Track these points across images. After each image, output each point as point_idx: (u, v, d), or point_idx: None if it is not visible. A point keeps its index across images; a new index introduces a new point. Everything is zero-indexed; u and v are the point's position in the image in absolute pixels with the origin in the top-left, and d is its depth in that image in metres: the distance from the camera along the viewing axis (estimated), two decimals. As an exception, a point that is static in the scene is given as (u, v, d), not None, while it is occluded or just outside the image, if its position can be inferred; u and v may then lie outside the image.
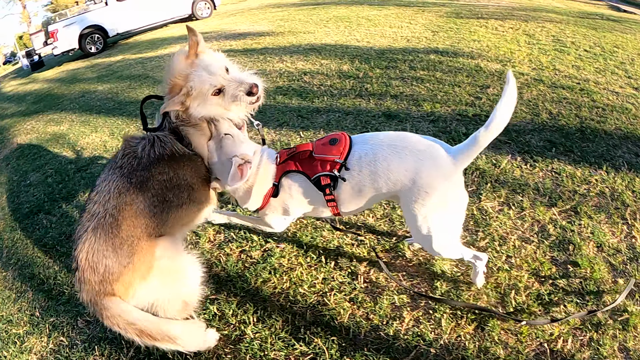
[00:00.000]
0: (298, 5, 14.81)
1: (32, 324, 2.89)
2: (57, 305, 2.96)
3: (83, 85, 9.92)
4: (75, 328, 2.74)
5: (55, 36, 15.37)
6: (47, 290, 3.15)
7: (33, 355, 2.64)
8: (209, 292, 2.58)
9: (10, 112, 10.61)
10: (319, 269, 2.53)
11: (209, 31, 12.35)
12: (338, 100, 4.79)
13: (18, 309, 3.08)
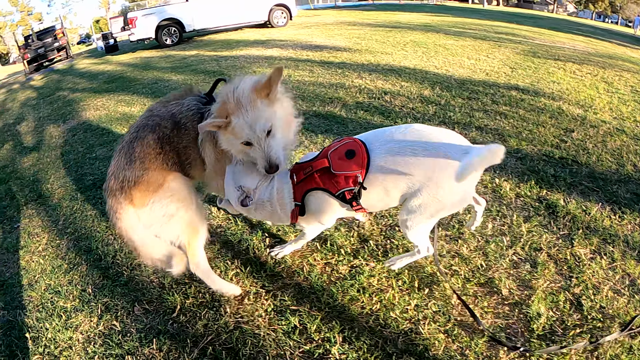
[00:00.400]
0: (373, 26, 14.84)
1: (82, 300, 2.77)
2: (113, 286, 2.83)
3: (156, 73, 10.04)
4: (131, 314, 2.59)
5: (133, 23, 15.75)
6: (104, 267, 3.04)
7: (79, 333, 2.52)
8: (289, 301, 2.41)
9: (82, 87, 10.86)
10: (412, 295, 2.33)
11: (284, 39, 12.43)
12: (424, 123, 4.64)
13: (68, 281, 2.99)
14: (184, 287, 2.67)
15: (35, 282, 3.06)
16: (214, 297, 2.55)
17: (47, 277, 3.08)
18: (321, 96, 5.77)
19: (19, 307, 2.84)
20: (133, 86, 9.00)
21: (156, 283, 2.78)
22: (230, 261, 2.79)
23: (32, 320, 2.69)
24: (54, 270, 3.14)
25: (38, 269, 3.20)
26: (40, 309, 2.77)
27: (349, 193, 2.10)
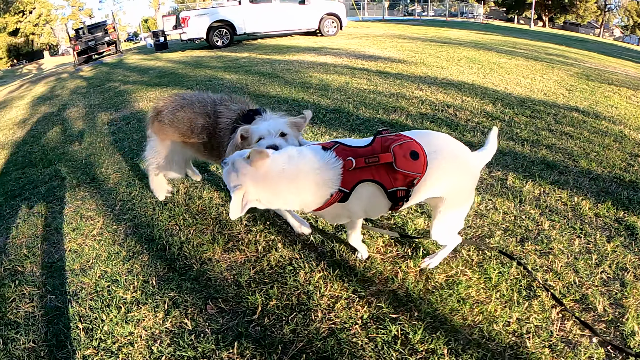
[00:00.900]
0: (424, 40, 14.84)
1: (144, 293, 2.59)
2: (181, 280, 2.65)
3: (209, 72, 10.15)
4: (203, 313, 2.39)
5: (186, 22, 15.97)
6: (169, 259, 2.88)
7: (141, 329, 2.32)
8: (387, 309, 2.26)
9: (132, 79, 11.05)
10: (512, 307, 2.26)
11: (336, 48, 12.48)
12: (491, 139, 4.59)
13: (127, 269, 2.83)
14: (265, 287, 2.50)
15: (88, 268, 2.92)
16: (300, 299, 2.37)
17: (102, 264, 2.93)
18: (383, 104, 5.75)
19: (69, 293, 2.70)
20: (186, 82, 9.11)
21: (231, 280, 2.60)
22: (315, 263, 2.63)
23: (85, 309, 2.53)
24: (110, 257, 3.00)
25: (92, 254, 3.07)
26: (95, 297, 2.61)
27: (400, 192, 2.08)
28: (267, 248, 2.79)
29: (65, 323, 2.45)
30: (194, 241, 3.03)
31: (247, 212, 2.88)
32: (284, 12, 16.75)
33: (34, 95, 13.17)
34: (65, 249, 3.20)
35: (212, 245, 2.94)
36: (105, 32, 24.86)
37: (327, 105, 5.80)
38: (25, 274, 2.99)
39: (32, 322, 2.51)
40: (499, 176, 3.66)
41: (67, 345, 2.30)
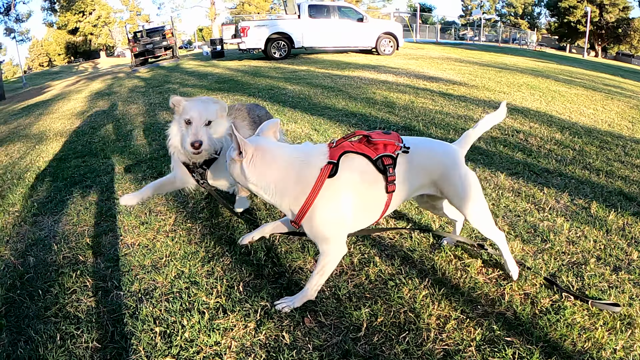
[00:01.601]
0: (481, 65, 14.79)
1: (230, 299, 2.41)
2: (272, 289, 2.48)
3: (269, 81, 10.32)
4: (301, 326, 2.18)
5: (245, 32, 16.30)
6: (255, 264, 2.71)
7: (230, 339, 2.12)
8: (499, 331, 2.15)
9: (191, 83, 11.33)
10: (618, 335, 2.22)
11: (395, 67, 12.55)
12: (566, 167, 4.51)
13: (208, 272, 2.68)
14: (368, 302, 2.32)
15: (162, 266, 2.79)
16: (407, 318, 2.21)
17: (178, 263, 2.80)
18: (452, 125, 5.75)
19: (140, 291, 2.56)
20: (248, 89, 9.27)
21: (329, 293, 2.42)
22: (418, 280, 2.49)
23: (160, 311, 2.36)
24: (187, 256, 2.87)
25: (165, 251, 2.95)
26: (172, 298, 2.45)
27: (386, 159, 2.16)
28: (363, 261, 2.68)
29: (136, 324, 2.27)
30: (281, 248, 2.89)
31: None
32: (342, 28, 16.99)
33: (92, 91, 13.68)
34: (133, 243, 3.14)
35: (302, 253, 2.80)
36: (163, 37, 25.51)
37: (396, 122, 5.83)
38: (88, 264, 2.93)
39: (95, 318, 2.37)
40: (582, 204, 3.61)
41: (139, 349, 2.10)
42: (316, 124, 5.80)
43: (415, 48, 22.60)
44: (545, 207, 3.42)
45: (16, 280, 2.83)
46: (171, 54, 25.47)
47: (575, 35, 50.67)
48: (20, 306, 2.57)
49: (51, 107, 11.73)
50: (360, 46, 17.56)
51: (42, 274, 2.87)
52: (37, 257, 3.11)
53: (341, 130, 5.39)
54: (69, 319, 2.38)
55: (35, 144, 6.95)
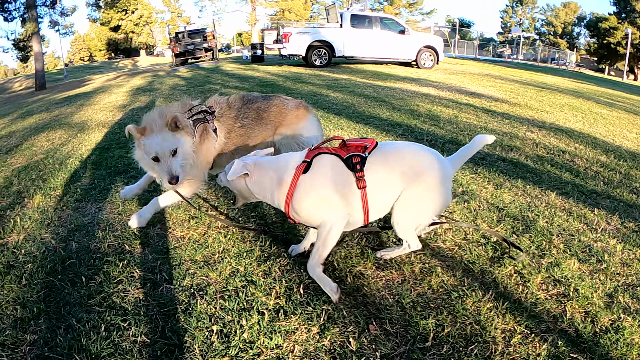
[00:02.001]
0: (521, 83, 14.73)
1: (290, 301, 2.39)
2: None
3: (312, 88, 10.44)
4: (366, 333, 2.16)
5: (287, 38, 16.46)
6: None
7: (292, 342, 2.10)
8: (563, 347, 2.14)
9: (233, 85, 11.49)
10: None
11: (436, 81, 12.58)
12: (614, 189, 4.48)
13: (264, 272, 2.66)
14: (432, 312, 2.31)
15: (215, 262, 2.78)
16: (473, 330, 2.20)
17: (233, 260, 2.78)
18: (498, 142, 5.75)
19: (193, 287, 2.55)
20: (291, 94, 9.28)
21: (392, 301, 2.40)
22: (481, 292, 2.48)
23: (216, 309, 2.34)
24: (241, 254, 2.85)
25: (218, 247, 2.94)
26: (227, 296, 2.43)
27: (355, 158, 2.41)
28: (424, 271, 2.67)
29: (190, 321, 2.25)
30: (340, 252, 2.85)
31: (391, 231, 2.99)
32: (383, 40, 17.10)
33: (133, 86, 13.94)
34: (183, 237, 3.15)
35: (361, 259, 2.78)
36: (204, 39, 25.86)
37: (442, 135, 5.86)
38: (135, 255, 2.93)
39: (144, 311, 2.35)
40: (632, 227, 3.60)
41: (193, 347, 2.08)
42: (363, 132, 5.86)
43: (455, 63, 22.57)
44: (597, 228, 3.43)
45: (57, 264, 2.84)
46: (211, 56, 25.85)
47: (615, 57, 49.86)
48: (61, 292, 2.56)
49: (92, 99, 12.01)
50: (400, 58, 17.62)
51: (85, 260, 2.89)
52: (80, 242, 3.14)
53: (388, 139, 5.43)
54: (115, 309, 2.38)
55: (77, 133, 7.13)
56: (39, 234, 3.37)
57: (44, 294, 2.55)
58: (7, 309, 2.45)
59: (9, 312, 2.42)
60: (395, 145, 2.71)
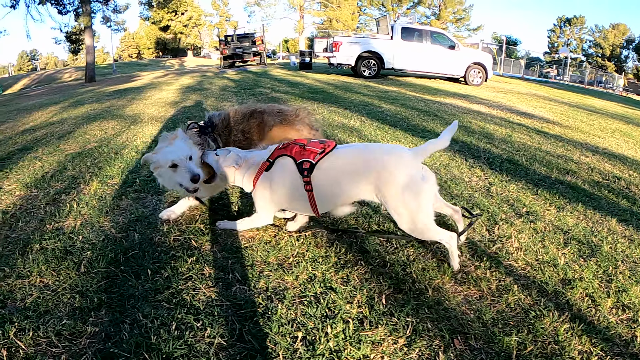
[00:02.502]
0: (570, 105, 14.57)
1: (373, 310, 2.37)
2: (417, 306, 2.43)
3: (362, 98, 10.56)
4: (452, 348, 2.15)
5: (337, 47, 16.61)
6: (395, 278, 2.67)
7: (380, 353, 2.08)
8: None
9: (283, 90, 11.67)
10: None
11: (485, 98, 12.56)
12: (673, 219, 4.51)
13: (343, 279, 2.63)
14: (513, 330, 2.31)
15: (290, 266, 2.76)
16: (552, 349, 2.21)
17: (309, 265, 2.76)
18: (554, 164, 5.76)
19: (269, 289, 2.52)
20: (343, 103, 9.49)
21: (473, 316, 2.39)
22: (557, 312, 2.49)
23: (296, 314, 2.31)
24: (317, 260, 2.83)
25: (291, 251, 2.93)
26: (307, 302, 2.41)
27: (306, 164, 2.78)
28: (500, 288, 2.67)
29: (270, 325, 2.21)
30: (417, 264, 2.84)
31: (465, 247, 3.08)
32: (433, 54, 17.13)
33: (182, 84, 14.28)
34: (253, 237, 3.14)
35: (438, 272, 2.77)
36: (253, 43, 26.29)
37: (499, 154, 5.90)
38: (203, 251, 2.93)
39: (217, 311, 2.33)
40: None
41: (276, 353, 2.05)
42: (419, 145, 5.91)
43: (502, 82, 22.42)
44: (659, 257, 3.44)
45: (119, 254, 2.85)
46: (259, 60, 26.27)
47: (665, 83, 48.89)
48: (124, 283, 2.55)
49: (143, 94, 12.40)
50: (449, 74, 17.63)
51: (149, 252, 2.89)
52: (143, 234, 3.16)
53: (447, 155, 5.50)
54: (185, 307, 2.35)
55: (130, 125, 7.37)
56: (97, 221, 3.42)
57: (105, 284, 2.55)
58: (64, 296, 2.45)
59: (66, 299, 2.42)
60: (350, 147, 2.95)
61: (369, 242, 3.09)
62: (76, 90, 18.56)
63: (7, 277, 2.67)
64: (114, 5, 35.04)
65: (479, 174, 4.76)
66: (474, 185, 4.35)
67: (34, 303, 2.40)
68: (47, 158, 5.42)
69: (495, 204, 3.87)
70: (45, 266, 2.76)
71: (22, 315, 2.29)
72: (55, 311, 2.33)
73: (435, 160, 5.17)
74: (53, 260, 2.83)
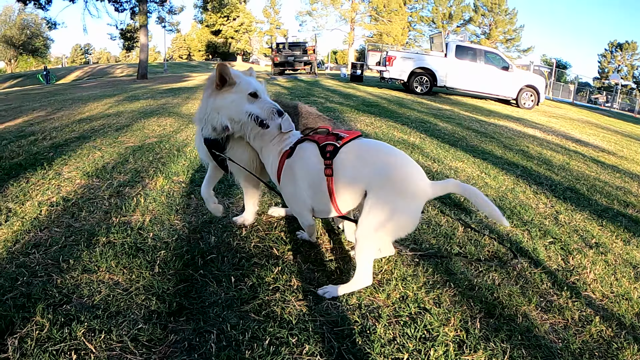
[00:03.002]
0: (623, 134, 14.49)
1: (470, 334, 2.33)
2: (509, 331, 2.39)
3: (417, 114, 10.67)
4: None
5: (391, 62, 16.72)
6: (483, 302, 2.64)
7: None
8: None
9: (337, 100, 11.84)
10: None
11: (538, 123, 12.55)
12: None
13: (434, 300, 2.59)
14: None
15: (380, 283, 2.71)
16: None
17: (399, 283, 2.71)
18: (614, 195, 5.74)
19: (361, 307, 2.47)
20: (399, 118, 9.55)
21: (562, 345, 2.39)
22: (637, 345, 2.48)
23: (393, 333, 2.26)
24: (405, 279, 2.77)
25: (378, 268, 2.87)
26: (402, 321, 2.36)
27: (329, 146, 2.58)
28: (582, 318, 2.67)
29: (371, 345, 2.15)
30: (503, 289, 2.80)
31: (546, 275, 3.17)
32: (486, 74, 17.08)
33: None
34: (335, 249, 3.11)
35: (523, 299, 2.75)
36: (304, 52, 26.62)
37: (559, 181, 5.94)
38: (286, 261, 2.87)
39: (312, 327, 2.25)
40: None
41: None
42: (483, 167, 5.96)
43: (552, 106, 22.22)
44: None
45: (196, 257, 2.80)
46: (309, 70, 26.60)
47: None
48: (204, 289, 2.50)
49: (198, 94, 12.65)
50: (501, 95, 17.56)
51: (228, 258, 2.84)
52: (219, 237, 3.12)
53: (510, 179, 5.57)
54: (276, 320, 2.27)
55: (188, 123, 7.57)
56: (168, 218, 3.40)
57: (183, 288, 2.49)
58: (138, 297, 2.39)
59: (140, 301, 2.36)
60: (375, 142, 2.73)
61: (454, 264, 3.05)
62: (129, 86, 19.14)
63: (71, 270, 2.63)
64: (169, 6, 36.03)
65: (544, 201, 4.82)
66: (542, 212, 4.40)
67: (104, 301, 2.33)
68: (107, 149, 5.55)
69: (565, 233, 3.92)
70: (114, 262, 2.72)
71: (91, 313, 2.21)
72: (129, 313, 2.25)
73: (500, 184, 5.25)
74: (123, 257, 2.79)
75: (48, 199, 3.78)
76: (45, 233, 3.13)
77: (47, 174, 4.48)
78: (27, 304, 2.27)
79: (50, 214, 3.47)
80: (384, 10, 59.14)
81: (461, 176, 5.36)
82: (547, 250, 3.52)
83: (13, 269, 2.62)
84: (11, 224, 3.27)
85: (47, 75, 38.52)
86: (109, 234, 3.09)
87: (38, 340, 2.01)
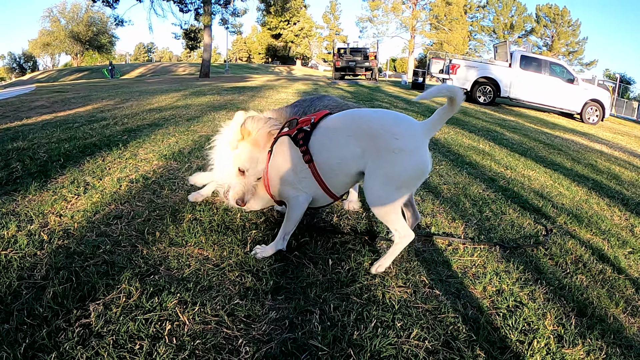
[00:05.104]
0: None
1: (566, 329, 2.32)
2: (604, 331, 2.37)
3: (482, 123, 10.77)
4: None
5: (455, 70, 16.77)
6: (577, 302, 2.62)
7: None
8: None
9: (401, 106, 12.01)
10: None
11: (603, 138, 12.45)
12: None
13: (529, 296, 2.58)
14: None
15: (474, 276, 2.73)
16: None
17: (494, 277, 2.73)
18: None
19: (459, 297, 2.47)
20: (465, 126, 9.57)
21: None
22: None
23: (503, 326, 2.26)
24: (497, 273, 2.80)
25: (470, 262, 2.90)
26: (501, 314, 2.38)
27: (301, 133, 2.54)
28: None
29: (478, 332, 2.16)
30: (591, 291, 2.83)
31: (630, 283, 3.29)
32: (550, 86, 16.94)
33: (297, 89, 14.88)
34: (427, 241, 3.15)
35: (610, 302, 2.74)
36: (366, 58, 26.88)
37: (631, 196, 5.92)
38: (381, 249, 2.92)
39: (415, 313, 2.25)
40: None
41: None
42: (555, 177, 6.01)
43: (616, 122, 21.75)
44: None
45: (290, 239, 2.74)
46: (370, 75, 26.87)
47: None
48: (301, 270, 2.51)
49: (261, 93, 13.11)
50: (565, 108, 17.38)
51: (321, 242, 2.86)
52: (309, 222, 3.18)
53: (582, 190, 5.62)
54: (379, 304, 2.27)
55: None
56: None
57: (279, 268, 2.51)
58: (231, 273, 2.40)
59: (233, 277, 2.37)
60: (347, 112, 2.63)
61: (544, 263, 3.06)
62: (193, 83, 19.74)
63: (157, 242, 2.66)
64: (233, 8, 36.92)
65: (618, 214, 4.87)
66: (618, 224, 4.49)
67: (194, 275, 2.34)
68: (181, 136, 5.66)
69: (643, 245, 4.00)
70: (203, 237, 2.74)
71: (181, 286, 2.23)
72: (222, 288, 2.25)
73: (574, 194, 5.34)
74: (212, 234, 2.82)
75: (126, 176, 3.83)
76: (126, 206, 3.17)
77: (123, 154, 4.59)
78: (111, 271, 2.29)
79: (130, 189, 3.52)
80: (444, 19, 59.01)
81: (534, 184, 5.43)
82: (627, 259, 3.58)
83: (94, 237, 2.65)
84: (90, 196, 3.32)
85: (112, 70, 40.09)
86: (195, 211, 3.15)
87: (124, 308, 2.01)
